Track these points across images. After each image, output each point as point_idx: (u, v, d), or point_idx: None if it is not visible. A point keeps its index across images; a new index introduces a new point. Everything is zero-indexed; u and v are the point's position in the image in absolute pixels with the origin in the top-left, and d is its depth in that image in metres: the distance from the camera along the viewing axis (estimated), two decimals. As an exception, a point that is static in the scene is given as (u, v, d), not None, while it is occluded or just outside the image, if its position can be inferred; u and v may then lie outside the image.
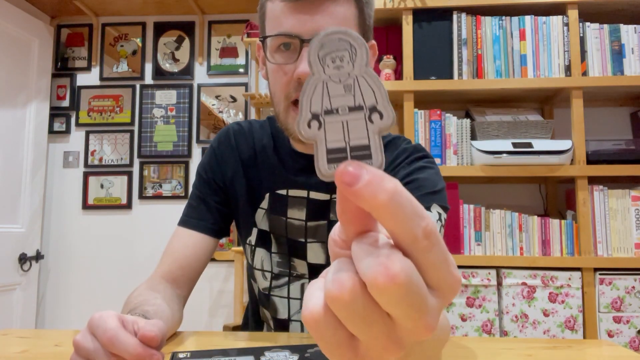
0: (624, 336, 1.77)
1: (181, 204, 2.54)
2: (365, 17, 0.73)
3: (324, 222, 0.82)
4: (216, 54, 2.62)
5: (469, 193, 2.19)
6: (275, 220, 0.84)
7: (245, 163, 0.86)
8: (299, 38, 0.67)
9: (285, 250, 0.84)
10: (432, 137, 1.95)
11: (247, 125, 0.90)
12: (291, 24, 0.67)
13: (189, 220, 0.86)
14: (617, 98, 2.18)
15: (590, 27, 1.95)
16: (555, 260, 1.82)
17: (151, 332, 0.47)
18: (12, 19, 2.30)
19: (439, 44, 1.98)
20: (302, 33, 0.67)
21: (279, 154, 0.85)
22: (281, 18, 0.68)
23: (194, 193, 0.89)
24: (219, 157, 0.88)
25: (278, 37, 0.69)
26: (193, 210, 0.87)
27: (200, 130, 2.57)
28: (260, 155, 0.86)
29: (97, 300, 2.52)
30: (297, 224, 0.82)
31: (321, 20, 0.67)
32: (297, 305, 0.84)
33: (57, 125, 2.63)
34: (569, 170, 1.86)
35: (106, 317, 0.48)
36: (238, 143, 0.88)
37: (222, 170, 0.87)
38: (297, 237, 0.83)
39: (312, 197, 0.82)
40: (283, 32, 0.68)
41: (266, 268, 0.86)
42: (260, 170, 0.85)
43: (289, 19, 0.67)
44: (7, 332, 0.76)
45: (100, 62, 2.67)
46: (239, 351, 0.59)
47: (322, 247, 0.82)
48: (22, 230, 2.36)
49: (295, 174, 0.83)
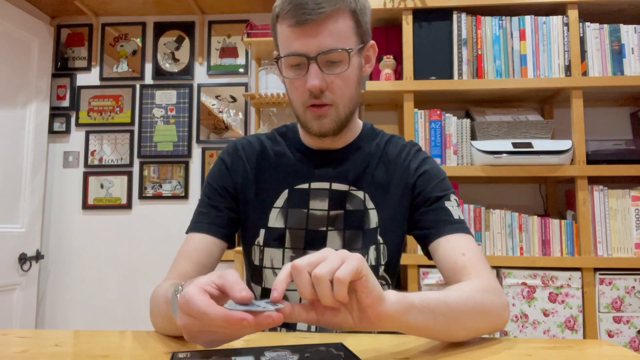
0: (624, 336, 1.77)
1: (181, 204, 2.54)
2: (362, 24, 0.83)
3: (341, 212, 0.90)
4: (216, 54, 2.62)
5: (469, 193, 2.19)
6: (294, 213, 0.90)
7: (255, 170, 0.93)
8: (306, 57, 0.79)
9: (301, 244, 0.89)
10: (432, 137, 1.95)
11: (254, 139, 0.98)
12: (298, 45, 0.79)
13: (200, 225, 0.90)
14: (617, 98, 2.18)
15: (590, 27, 1.95)
16: (555, 260, 1.83)
17: (241, 292, 0.52)
18: (12, 19, 2.30)
19: (439, 44, 1.98)
20: (308, 52, 0.79)
21: (296, 154, 0.93)
22: (289, 40, 0.80)
23: (203, 201, 0.93)
24: (228, 167, 0.94)
25: (289, 58, 0.81)
26: (204, 216, 0.91)
27: (200, 130, 2.57)
28: (276, 159, 0.94)
29: (97, 300, 2.52)
30: (319, 214, 0.90)
31: (323, 39, 0.78)
32: None
33: (57, 125, 2.63)
34: (569, 170, 1.86)
35: (190, 299, 0.51)
36: (246, 154, 0.95)
37: (232, 178, 0.93)
38: (319, 227, 0.89)
39: (334, 188, 0.90)
40: (292, 52, 0.80)
41: (277, 265, 0.90)
42: (276, 172, 0.93)
43: (296, 41, 0.79)
44: (7, 332, 0.76)
45: (100, 62, 2.67)
46: (239, 351, 0.59)
47: (338, 235, 0.89)
48: (22, 230, 2.36)
49: (316, 167, 0.91)
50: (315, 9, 0.76)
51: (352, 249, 0.88)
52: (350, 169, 0.91)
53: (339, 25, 0.79)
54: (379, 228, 0.90)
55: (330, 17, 0.78)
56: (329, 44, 0.78)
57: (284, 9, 0.79)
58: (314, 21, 0.77)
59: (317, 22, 0.77)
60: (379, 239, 0.90)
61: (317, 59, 0.78)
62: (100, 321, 2.50)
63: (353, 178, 0.90)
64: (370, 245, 0.89)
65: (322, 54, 0.78)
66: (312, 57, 0.78)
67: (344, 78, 0.81)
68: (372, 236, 0.89)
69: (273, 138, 0.97)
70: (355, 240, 0.89)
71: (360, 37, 0.83)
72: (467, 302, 0.67)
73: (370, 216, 0.90)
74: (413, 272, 1.87)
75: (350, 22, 0.80)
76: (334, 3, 0.77)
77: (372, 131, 0.97)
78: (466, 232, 0.85)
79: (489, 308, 0.71)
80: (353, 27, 0.81)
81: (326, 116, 0.83)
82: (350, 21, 0.80)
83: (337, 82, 0.81)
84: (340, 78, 0.81)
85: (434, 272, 1.86)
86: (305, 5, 0.76)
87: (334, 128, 0.85)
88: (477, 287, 0.72)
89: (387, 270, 0.91)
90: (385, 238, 0.90)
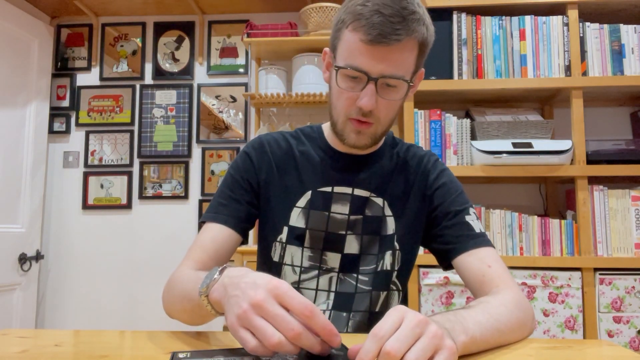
0: (624, 336, 1.77)
1: (181, 204, 2.54)
2: (424, 55, 0.84)
3: (360, 217, 0.91)
4: (216, 54, 2.62)
5: (469, 193, 2.18)
6: (316, 215, 0.91)
7: (280, 168, 0.94)
8: (367, 75, 0.78)
9: (319, 245, 0.91)
10: (432, 137, 1.95)
11: (279, 137, 0.98)
12: (363, 62, 0.77)
13: (219, 217, 0.90)
14: (617, 98, 2.18)
15: (590, 27, 1.95)
16: (555, 260, 1.82)
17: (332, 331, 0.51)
18: (12, 19, 2.30)
19: (439, 44, 1.98)
20: (370, 72, 0.78)
21: (321, 155, 0.94)
22: (356, 52, 0.78)
23: (224, 192, 0.93)
24: (254, 161, 0.94)
25: (349, 70, 0.79)
26: (224, 207, 0.91)
27: (200, 130, 2.57)
28: (301, 159, 0.94)
29: (97, 300, 2.52)
30: (340, 217, 0.91)
31: (389, 64, 0.77)
32: (323, 297, 0.91)
33: (57, 125, 2.63)
34: (569, 170, 1.86)
35: (291, 289, 0.51)
36: (272, 150, 0.95)
37: (257, 173, 0.94)
38: (338, 230, 0.91)
39: (355, 194, 0.92)
40: (355, 67, 0.78)
41: (296, 263, 0.91)
42: (301, 172, 0.93)
43: (362, 57, 0.77)
44: (7, 332, 0.76)
45: (100, 62, 2.67)
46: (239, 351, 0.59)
47: (356, 239, 0.91)
48: (22, 230, 2.36)
49: (340, 172, 0.92)
50: (392, 33, 0.75)
51: (369, 253, 0.91)
52: (372, 176, 0.93)
53: (407, 54, 0.79)
54: (395, 234, 0.92)
55: (403, 45, 0.77)
56: (393, 70, 0.78)
57: (362, 21, 0.76)
58: (388, 46, 0.76)
59: (391, 47, 0.76)
60: (395, 245, 0.92)
61: (377, 81, 0.78)
62: (100, 321, 2.50)
63: (375, 185, 0.92)
64: (387, 251, 0.91)
65: (382, 77, 0.78)
66: (373, 78, 0.78)
67: (394, 103, 0.83)
68: (389, 242, 0.92)
69: (298, 137, 0.97)
70: (372, 245, 0.91)
71: (419, 66, 0.84)
72: (514, 323, 0.70)
73: (388, 223, 0.92)
74: (413, 272, 1.86)
75: (416, 52, 0.80)
76: (410, 32, 0.77)
77: (393, 141, 0.99)
78: (489, 245, 0.87)
79: (526, 323, 0.74)
80: (416, 56, 0.81)
81: (365, 133, 0.84)
82: (416, 51, 0.80)
83: (387, 105, 0.82)
84: (390, 102, 0.82)
85: (434, 272, 1.86)
86: (384, 27, 0.75)
87: (369, 144, 0.86)
88: (515, 303, 0.74)
89: (399, 277, 0.94)
90: (402, 245, 0.92)
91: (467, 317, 0.62)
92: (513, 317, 0.70)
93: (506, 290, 0.78)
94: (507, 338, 0.68)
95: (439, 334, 0.50)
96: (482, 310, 0.67)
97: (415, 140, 1.94)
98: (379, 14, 0.75)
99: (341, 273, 0.91)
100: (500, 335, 0.66)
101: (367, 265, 0.91)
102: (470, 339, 0.59)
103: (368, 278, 0.91)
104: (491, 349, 0.66)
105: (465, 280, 0.87)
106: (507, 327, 0.68)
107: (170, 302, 0.78)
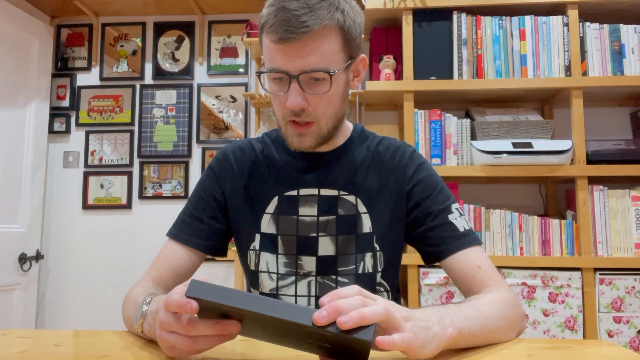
0: (624, 336, 1.77)
1: (181, 204, 2.53)
2: (351, 40, 0.79)
3: (333, 217, 0.88)
4: (216, 54, 2.62)
5: (469, 193, 2.19)
6: (284, 220, 0.89)
7: (245, 176, 0.93)
8: (288, 75, 0.76)
9: (292, 250, 0.89)
10: (432, 137, 1.95)
11: (245, 144, 0.97)
12: (280, 62, 0.76)
13: (180, 235, 0.93)
14: (617, 98, 2.18)
15: (590, 27, 1.95)
16: (555, 260, 1.82)
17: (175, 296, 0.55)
18: (12, 19, 2.30)
19: (439, 44, 1.98)
20: (289, 70, 0.76)
21: (286, 159, 0.92)
22: (272, 54, 0.77)
23: (188, 210, 0.95)
24: (217, 175, 0.94)
25: (271, 73, 0.79)
26: (187, 226, 0.93)
27: (200, 130, 2.57)
28: (266, 164, 0.93)
29: (97, 300, 2.52)
30: (309, 220, 0.88)
31: (306, 59, 0.75)
32: (304, 303, 0.89)
33: (57, 125, 2.63)
34: (569, 170, 1.86)
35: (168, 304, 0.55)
36: (236, 159, 0.94)
37: (220, 186, 0.93)
38: (309, 233, 0.88)
39: (322, 194, 0.89)
40: (274, 68, 0.77)
41: (272, 270, 0.89)
42: (266, 178, 0.92)
43: (278, 58, 0.76)
44: (7, 332, 0.76)
45: (100, 62, 2.67)
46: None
47: (331, 240, 0.88)
48: (22, 230, 2.36)
49: (305, 173, 0.90)
50: (299, 27, 0.72)
51: (346, 253, 0.88)
52: (340, 174, 0.90)
53: (324, 44, 0.75)
54: (374, 235, 0.89)
55: (316, 35, 0.74)
56: (312, 63, 0.75)
57: (269, 22, 0.76)
58: (298, 40, 0.73)
59: (301, 41, 0.73)
60: (375, 246, 0.89)
61: (298, 78, 0.76)
62: (100, 321, 2.50)
63: (343, 182, 0.89)
64: (367, 252, 0.88)
65: (303, 73, 0.75)
66: (293, 75, 0.76)
67: (327, 97, 0.79)
68: (367, 241, 0.88)
69: (263, 142, 0.96)
70: (349, 245, 0.88)
71: (349, 53, 0.80)
72: (502, 320, 0.70)
73: (363, 220, 0.88)
74: (413, 272, 1.87)
75: (339, 39, 0.77)
76: (320, 21, 0.73)
77: (363, 134, 0.96)
78: (475, 244, 0.86)
79: (515, 321, 0.74)
80: (341, 43, 0.77)
81: (307, 134, 0.81)
82: (338, 38, 0.77)
83: (319, 101, 0.79)
84: (322, 97, 0.78)
85: (434, 272, 1.86)
86: (289, 22, 0.73)
87: (314, 145, 0.83)
88: (504, 302, 0.74)
89: (384, 277, 0.90)
90: (382, 244, 0.89)
91: (457, 311, 0.63)
92: (502, 314, 0.70)
93: (496, 289, 0.78)
94: (496, 335, 0.68)
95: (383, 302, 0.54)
96: (472, 307, 0.67)
97: (415, 140, 1.94)
98: (283, 10, 0.74)
99: (319, 276, 0.88)
100: (488, 331, 0.66)
101: (345, 266, 0.88)
102: (458, 333, 0.60)
103: (349, 280, 0.87)
104: (480, 346, 0.66)
105: (454, 281, 0.86)
106: (496, 324, 0.68)
107: (124, 319, 0.81)
